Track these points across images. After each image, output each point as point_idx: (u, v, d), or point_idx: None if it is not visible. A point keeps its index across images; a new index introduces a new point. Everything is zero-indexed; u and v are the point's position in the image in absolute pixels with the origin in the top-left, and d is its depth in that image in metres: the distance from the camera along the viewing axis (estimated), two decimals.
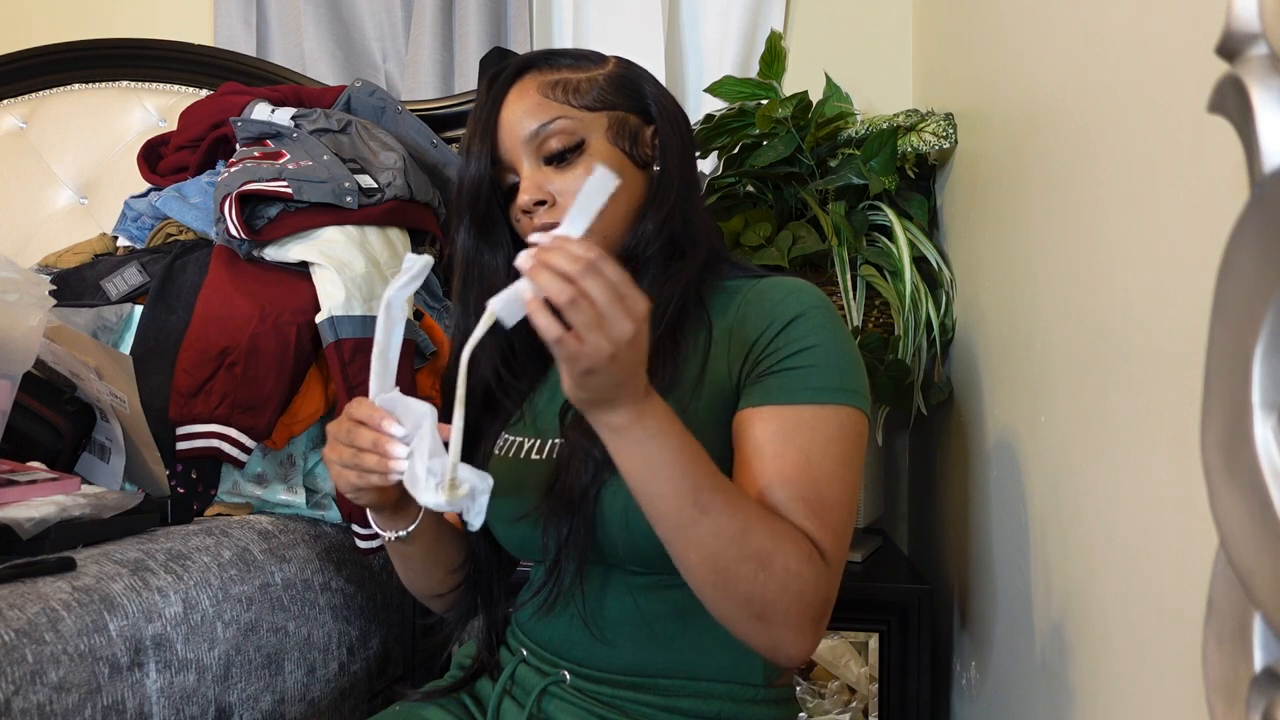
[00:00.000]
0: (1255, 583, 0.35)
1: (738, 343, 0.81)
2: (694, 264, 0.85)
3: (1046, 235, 0.93)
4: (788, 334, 0.79)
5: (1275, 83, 0.35)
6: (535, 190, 0.84)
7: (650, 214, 0.86)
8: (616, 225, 0.85)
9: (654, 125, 0.89)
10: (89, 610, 0.83)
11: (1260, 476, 0.35)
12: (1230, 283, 0.37)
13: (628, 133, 0.87)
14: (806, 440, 0.75)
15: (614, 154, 0.85)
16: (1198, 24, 0.59)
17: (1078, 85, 0.84)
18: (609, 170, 0.65)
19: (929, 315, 1.30)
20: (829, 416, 0.76)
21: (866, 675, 1.18)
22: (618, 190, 0.78)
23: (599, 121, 0.86)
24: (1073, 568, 0.83)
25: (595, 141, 0.85)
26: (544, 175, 0.85)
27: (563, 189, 0.84)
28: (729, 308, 0.84)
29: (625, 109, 0.87)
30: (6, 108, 1.95)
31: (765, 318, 0.81)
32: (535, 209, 0.84)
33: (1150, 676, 0.67)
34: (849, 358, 0.80)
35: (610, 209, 0.80)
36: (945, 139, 1.33)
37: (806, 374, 0.77)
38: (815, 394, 0.77)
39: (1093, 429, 0.79)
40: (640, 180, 0.87)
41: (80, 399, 1.14)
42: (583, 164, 0.84)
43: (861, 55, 1.71)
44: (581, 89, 0.86)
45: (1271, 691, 0.35)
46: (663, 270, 0.85)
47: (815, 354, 0.78)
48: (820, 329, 0.79)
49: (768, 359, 0.79)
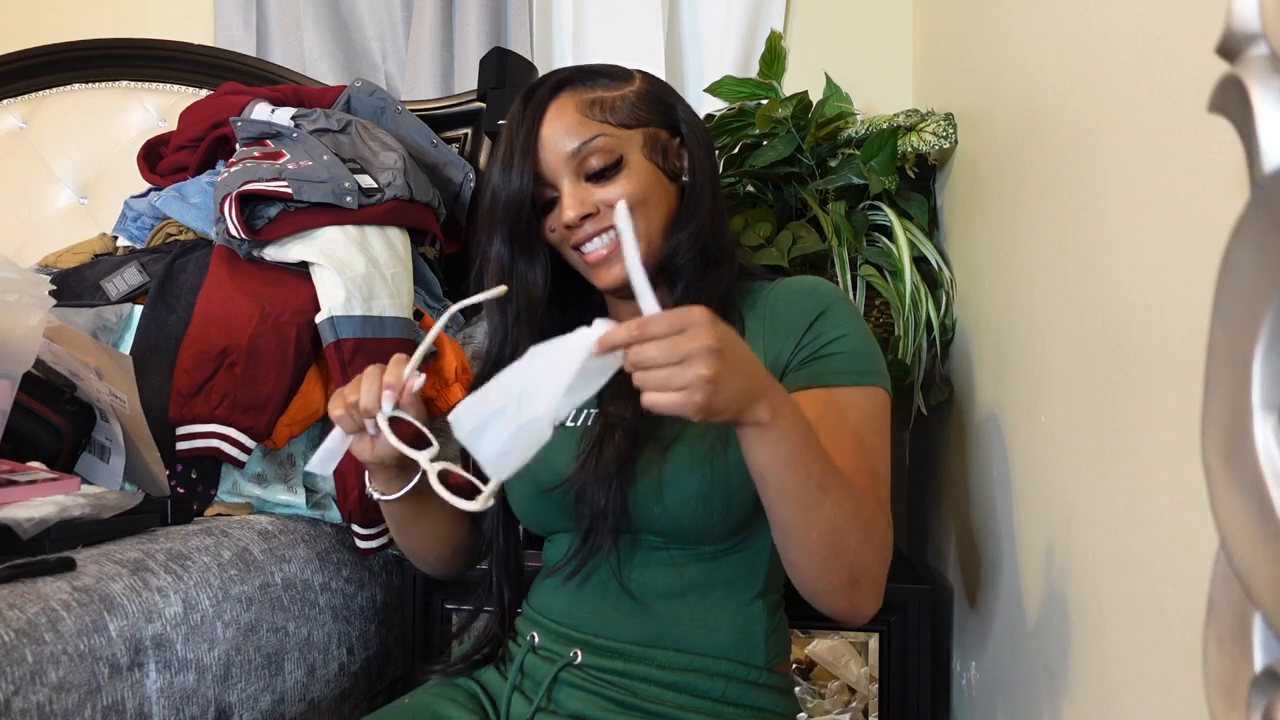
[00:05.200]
0: (1255, 582, 0.35)
1: (772, 331, 0.88)
2: (728, 273, 0.91)
3: (1046, 235, 0.93)
4: (822, 323, 0.87)
5: (1275, 83, 0.35)
6: (580, 206, 0.89)
7: (684, 225, 0.91)
8: (655, 236, 0.90)
9: (680, 137, 0.94)
10: (89, 610, 0.83)
11: (1260, 476, 0.35)
12: (1230, 282, 0.37)
13: (660, 147, 0.91)
14: (856, 418, 0.83)
15: (649, 169, 0.90)
16: (1198, 24, 0.59)
17: (1078, 85, 0.84)
18: (625, 211, 0.67)
19: (929, 315, 1.30)
20: (868, 396, 0.85)
21: (866, 675, 1.18)
22: (656, 203, 0.90)
23: (635, 138, 0.90)
24: (1073, 567, 0.83)
25: (633, 157, 0.90)
26: (585, 191, 0.89)
27: (604, 200, 0.89)
28: (757, 304, 0.91)
29: (657, 124, 0.92)
30: (6, 108, 1.95)
31: (797, 309, 0.88)
32: (581, 223, 0.89)
33: (1150, 676, 0.67)
34: (874, 345, 0.88)
35: (651, 215, 0.90)
36: (945, 139, 1.33)
37: (845, 359, 0.85)
38: (856, 376, 0.85)
39: (1093, 429, 0.79)
40: (672, 192, 0.92)
41: (80, 399, 1.14)
42: (621, 179, 0.89)
43: (861, 55, 1.71)
44: (617, 107, 0.90)
45: (1272, 692, 0.35)
46: (698, 279, 0.90)
47: (848, 341, 0.86)
48: (848, 318, 0.88)
49: (808, 346, 0.86)
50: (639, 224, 0.88)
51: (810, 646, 1.18)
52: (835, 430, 0.81)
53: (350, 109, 1.49)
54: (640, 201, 0.89)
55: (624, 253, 0.66)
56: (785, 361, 0.87)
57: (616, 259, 0.89)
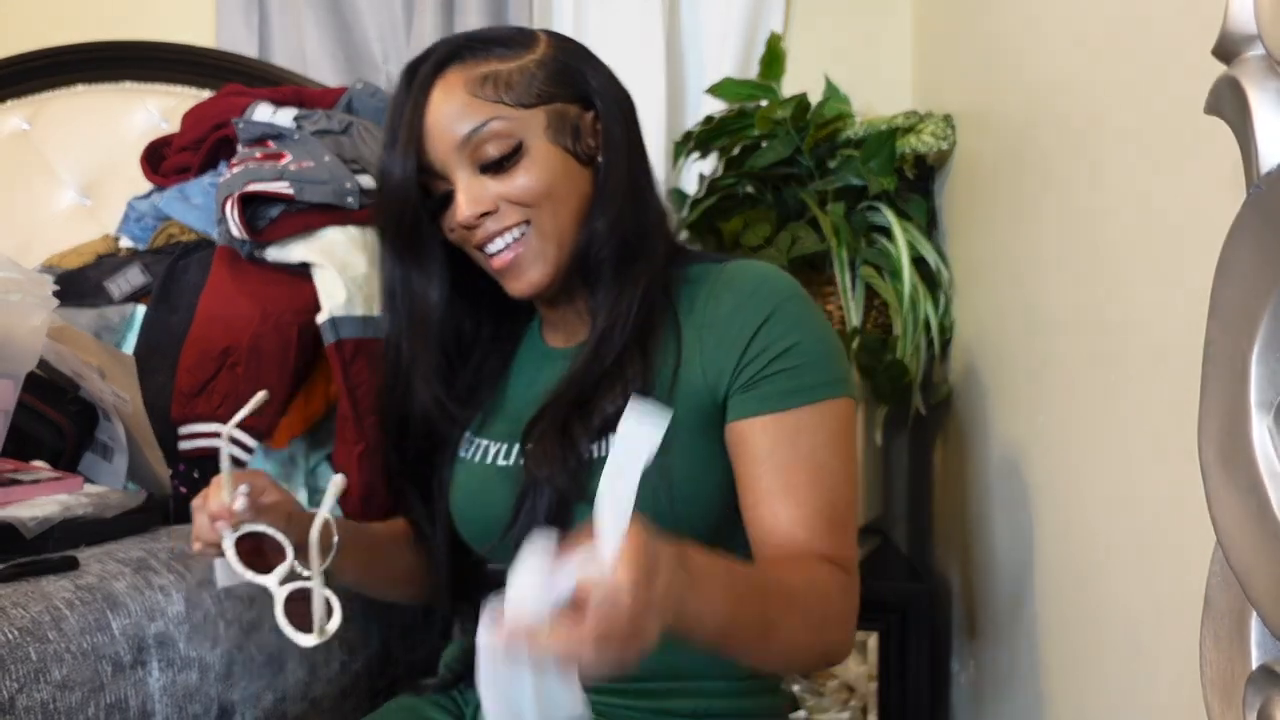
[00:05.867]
0: (1252, 581, 0.36)
1: (712, 344, 0.77)
2: (655, 264, 0.80)
3: (1045, 235, 0.93)
4: (768, 334, 0.76)
5: (1272, 84, 0.36)
6: (476, 202, 0.78)
7: (599, 213, 0.80)
8: (567, 231, 0.79)
9: (594, 111, 0.82)
10: (92, 609, 0.84)
11: (1257, 475, 0.35)
12: (1227, 282, 0.37)
13: (568, 127, 0.80)
14: (809, 444, 0.74)
15: (555, 154, 0.79)
16: (1196, 25, 0.59)
17: (1077, 85, 0.85)
18: (646, 412, 0.51)
19: (928, 315, 1.31)
20: (825, 413, 0.75)
21: (866, 674, 1.18)
22: (564, 195, 0.79)
23: (536, 119, 0.78)
24: (1071, 566, 0.83)
25: (535, 142, 0.78)
26: (482, 184, 0.78)
27: (504, 195, 0.78)
28: (695, 301, 0.80)
29: (564, 99, 0.80)
30: (10, 109, 1.95)
31: (740, 316, 0.77)
32: (480, 221, 0.78)
33: (1148, 674, 0.67)
34: (830, 345, 0.78)
35: (560, 209, 0.78)
36: (944, 140, 1.33)
37: (796, 374, 0.75)
38: (809, 394, 0.75)
39: (1091, 428, 0.79)
40: (585, 178, 0.81)
41: (83, 399, 1.14)
42: (522, 169, 0.78)
43: (861, 56, 1.71)
44: (514, 82, 0.78)
45: (1268, 689, 0.35)
46: (619, 272, 0.79)
47: (799, 351, 0.75)
48: (798, 322, 0.77)
49: (752, 365, 0.76)
50: (545, 221, 0.78)
51: None
52: (787, 464, 0.73)
53: (352, 110, 1.50)
54: (545, 194, 0.78)
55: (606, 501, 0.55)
56: (726, 383, 0.76)
57: (529, 262, 0.79)
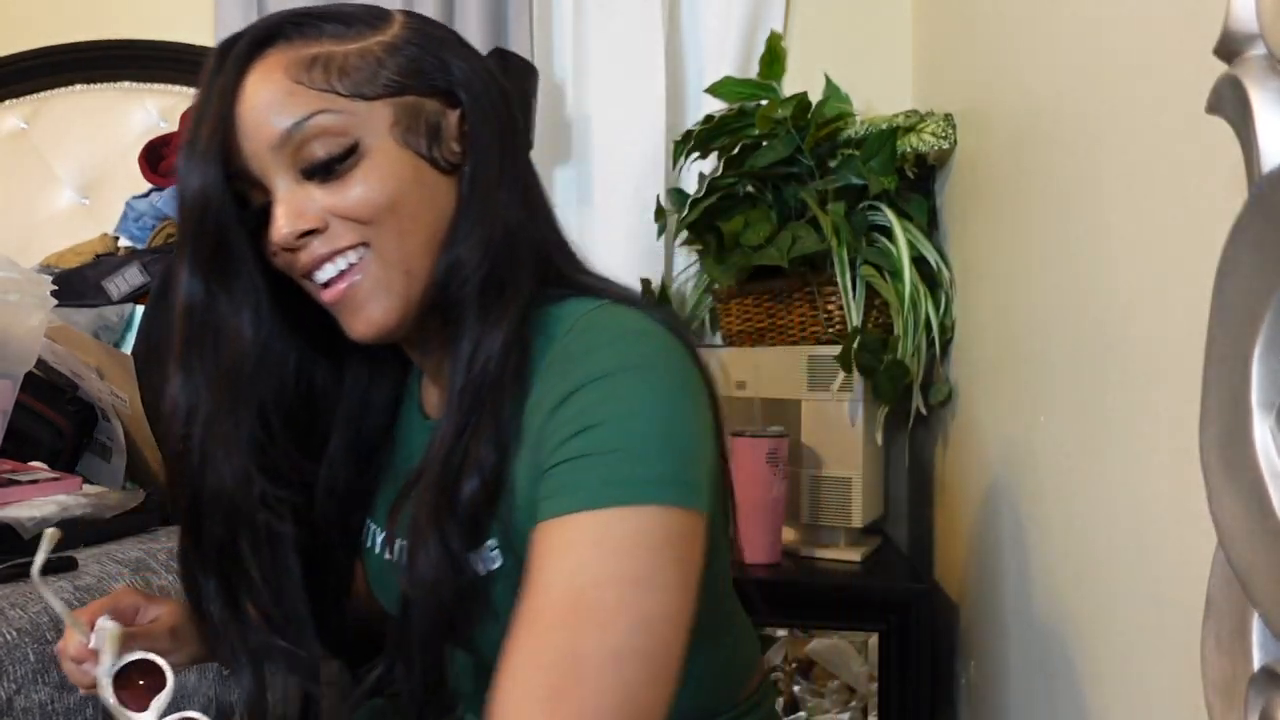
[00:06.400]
0: (1253, 582, 0.35)
1: (535, 431, 0.59)
2: (517, 304, 0.63)
3: (1046, 235, 0.93)
4: (567, 410, 0.57)
5: (1273, 83, 0.36)
6: (297, 217, 0.61)
7: (463, 238, 0.63)
8: (416, 259, 0.63)
9: (459, 109, 0.65)
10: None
11: (1259, 476, 0.35)
12: (1229, 282, 0.37)
13: (423, 126, 0.64)
14: (574, 565, 0.52)
15: (404, 158, 0.63)
16: (1197, 24, 0.59)
17: (1078, 85, 0.84)
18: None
19: (928, 315, 1.30)
20: (612, 524, 0.53)
21: (866, 674, 1.18)
22: (415, 210, 0.62)
23: (380, 114, 0.62)
24: (1072, 567, 0.83)
25: (376, 142, 0.62)
26: (305, 194, 0.62)
27: (333, 208, 0.62)
28: (544, 360, 0.61)
29: (419, 92, 0.64)
30: (8, 108, 1.95)
31: (558, 385, 0.59)
32: (304, 241, 0.62)
33: (1149, 675, 0.67)
34: (658, 432, 0.56)
35: (408, 228, 0.62)
36: (945, 139, 1.33)
37: (585, 466, 0.55)
38: (592, 495, 0.54)
39: (1092, 429, 0.79)
40: (446, 189, 0.64)
41: (82, 399, 1.14)
42: (359, 176, 0.61)
43: (861, 55, 1.70)
44: (351, 67, 0.62)
45: (1270, 691, 0.35)
46: (483, 314, 0.62)
47: (599, 435, 0.55)
48: (614, 398, 0.56)
49: (545, 449, 0.57)
50: (388, 243, 0.62)
51: (810, 646, 1.18)
52: (541, 586, 0.53)
53: None
54: (388, 208, 0.62)
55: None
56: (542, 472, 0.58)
57: (367, 294, 0.62)
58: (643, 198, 1.64)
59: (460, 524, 0.60)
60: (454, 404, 0.62)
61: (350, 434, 0.73)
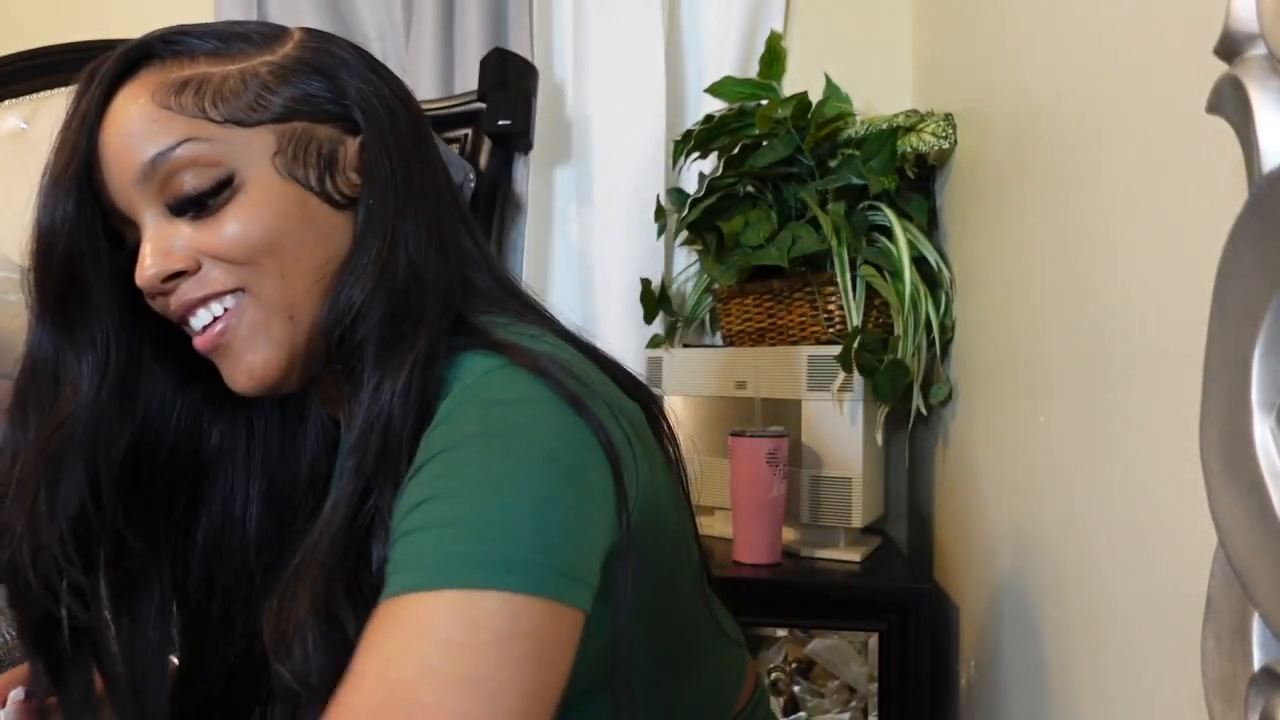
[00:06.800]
0: (1254, 582, 0.35)
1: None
2: (416, 351, 0.55)
3: (1046, 235, 0.93)
4: (419, 477, 0.50)
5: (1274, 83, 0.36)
6: (162, 258, 0.55)
7: (355, 278, 0.56)
8: (303, 294, 0.57)
9: (356, 133, 0.60)
10: None
11: (1259, 476, 0.35)
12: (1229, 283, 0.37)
13: (314, 156, 0.57)
14: (393, 654, 0.44)
15: (286, 191, 0.56)
16: (1197, 24, 0.59)
17: (1078, 85, 0.84)
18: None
19: (929, 315, 1.30)
20: (443, 609, 0.44)
21: (866, 674, 1.18)
22: (300, 251, 0.55)
23: (259, 142, 0.56)
24: (1072, 567, 0.83)
25: (254, 174, 0.56)
26: (174, 231, 0.56)
27: (204, 248, 0.56)
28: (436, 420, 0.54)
29: (309, 118, 0.58)
30: (8, 108, 1.95)
31: (421, 453, 0.52)
32: (172, 285, 0.56)
33: (1149, 676, 0.67)
34: (520, 510, 0.47)
35: (291, 270, 0.56)
36: (945, 139, 1.33)
37: (423, 541, 0.47)
38: (426, 574, 0.45)
39: (1092, 429, 0.79)
40: (341, 226, 0.58)
41: None
42: (234, 211, 0.55)
43: (861, 55, 1.71)
44: (228, 91, 0.56)
45: (1270, 691, 0.35)
46: (378, 363, 0.55)
47: (443, 506, 0.47)
48: (466, 465, 0.48)
49: (394, 519, 0.50)
50: (267, 287, 0.56)
51: (810, 646, 1.18)
52: (354, 679, 0.45)
53: None
54: (266, 248, 0.56)
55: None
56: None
57: (245, 341, 0.57)
58: (643, 198, 1.64)
59: (361, 607, 0.49)
60: (350, 465, 0.53)
61: (266, 487, 0.67)
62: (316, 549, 0.53)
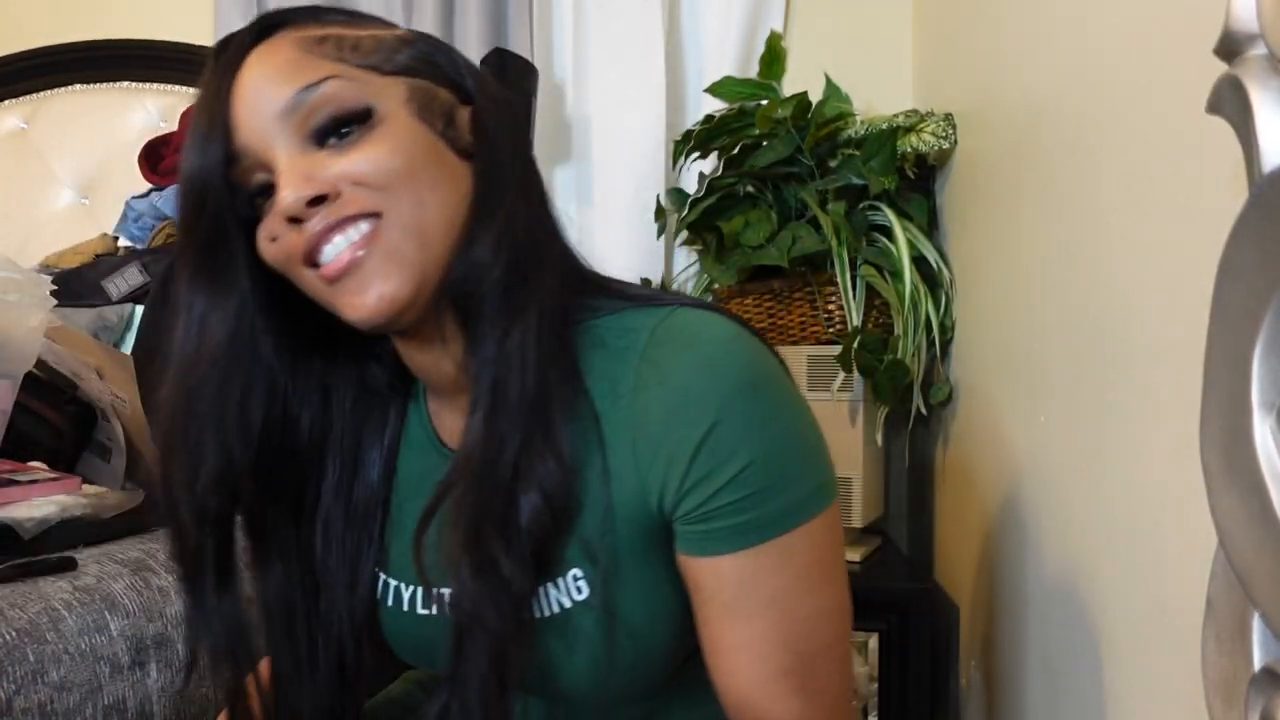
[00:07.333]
0: (1254, 582, 0.35)
1: (647, 456, 0.57)
2: (543, 307, 0.59)
3: (1046, 235, 0.93)
4: (710, 455, 0.56)
5: (1274, 83, 0.36)
6: (306, 181, 0.56)
7: (481, 230, 0.58)
8: (436, 229, 0.58)
9: (469, 105, 0.62)
10: (90, 610, 0.83)
11: (1259, 476, 0.35)
12: (1229, 282, 0.37)
13: (438, 109, 0.60)
14: (771, 590, 0.57)
15: (420, 131, 0.59)
16: (1197, 24, 0.59)
17: (1078, 85, 0.84)
18: None
19: (929, 315, 1.30)
20: (796, 542, 0.57)
21: (866, 675, 1.18)
22: (433, 180, 0.58)
23: (394, 88, 0.59)
24: (1072, 567, 0.83)
25: (392, 110, 0.58)
26: (314, 160, 0.57)
27: (346, 174, 0.56)
28: (617, 384, 0.58)
29: (432, 79, 0.61)
30: (8, 108, 1.95)
31: (674, 428, 0.56)
32: (311, 211, 0.56)
33: (1150, 675, 0.67)
34: (799, 446, 0.58)
35: (427, 198, 0.57)
36: (945, 139, 1.33)
37: (749, 505, 0.56)
38: (767, 528, 0.56)
39: (1092, 429, 0.79)
40: (461, 173, 0.60)
41: (81, 399, 1.14)
42: (374, 141, 0.57)
43: (861, 55, 1.70)
44: (365, 47, 0.60)
45: (1270, 690, 0.35)
46: (504, 308, 0.58)
47: (752, 476, 0.56)
48: (747, 432, 0.56)
49: (695, 493, 0.56)
50: (404, 212, 0.57)
51: None
52: (744, 614, 0.57)
53: None
54: (405, 174, 0.57)
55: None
56: (670, 507, 0.58)
57: (378, 265, 0.56)
58: (643, 198, 1.64)
59: (516, 548, 0.56)
60: (487, 416, 0.57)
61: (343, 476, 0.68)
62: (462, 495, 0.57)
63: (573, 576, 0.60)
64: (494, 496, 0.57)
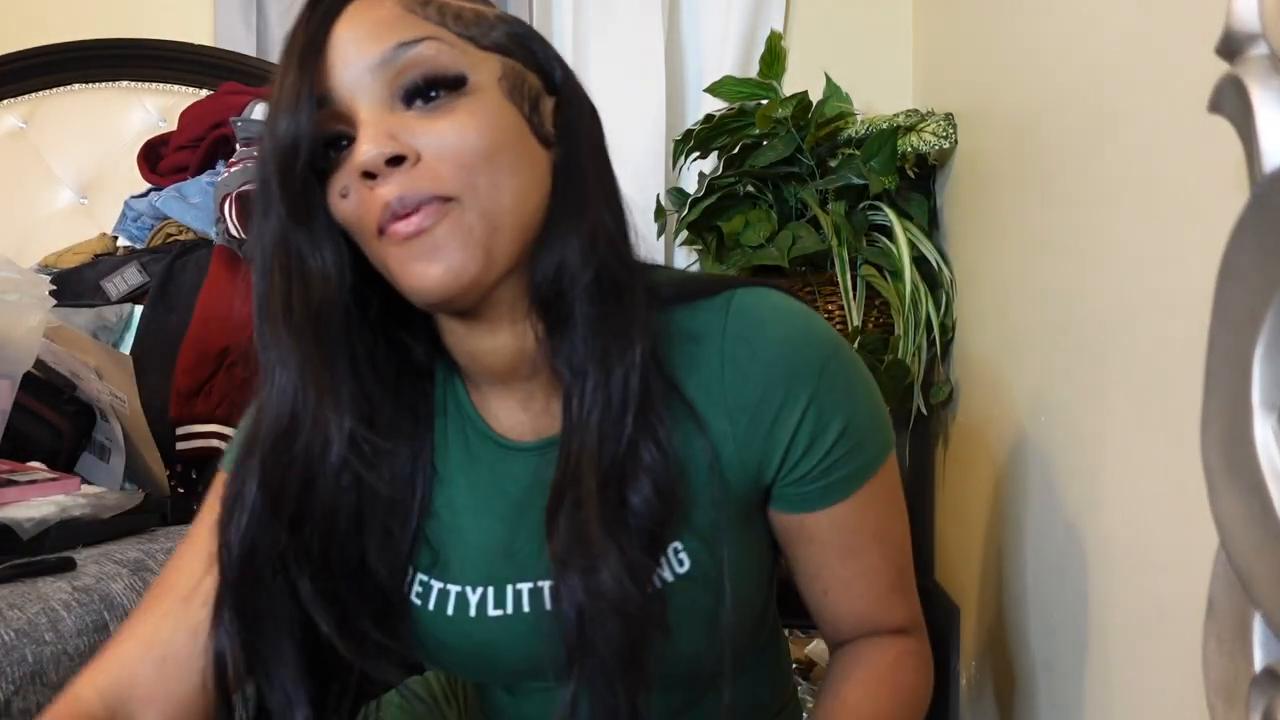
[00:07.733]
0: (1255, 582, 0.35)
1: (744, 429, 0.61)
2: (638, 310, 0.60)
3: (1046, 235, 0.93)
4: (815, 423, 0.62)
5: (1275, 82, 0.35)
6: (385, 139, 0.54)
7: (567, 229, 0.59)
8: (510, 215, 0.57)
9: (556, 97, 0.62)
10: (89, 610, 0.83)
11: (1260, 476, 0.35)
12: (1230, 283, 0.37)
13: (528, 92, 0.60)
14: (875, 519, 0.67)
15: (509, 111, 0.58)
16: (1198, 24, 0.59)
17: (1078, 85, 0.84)
18: None
19: (929, 315, 1.30)
20: (884, 477, 0.66)
21: None
22: (515, 164, 0.57)
23: (489, 63, 0.58)
24: (1073, 567, 0.83)
25: (484, 83, 0.57)
26: (399, 120, 0.55)
27: (429, 141, 0.55)
28: (702, 365, 0.62)
29: (523, 62, 0.60)
30: (6, 108, 1.95)
31: (772, 400, 0.61)
32: (388, 171, 0.54)
33: (1150, 676, 0.67)
34: (876, 401, 0.66)
35: (506, 184, 0.56)
36: (945, 139, 1.33)
37: (853, 456, 0.64)
38: (869, 469, 0.65)
39: (1092, 429, 0.79)
40: (543, 161, 0.60)
41: (80, 399, 1.14)
42: (463, 110, 0.56)
43: (861, 55, 1.70)
44: (466, 17, 0.59)
45: (1271, 691, 0.35)
46: (598, 317, 0.58)
47: (853, 431, 0.63)
48: (844, 397, 0.63)
49: (805, 460, 0.62)
50: (482, 197, 0.56)
51: (810, 646, 1.18)
52: (856, 547, 0.66)
53: None
54: (488, 155, 0.56)
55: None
56: (772, 475, 0.63)
57: (448, 238, 0.55)
58: (643, 198, 1.64)
59: (636, 535, 0.58)
60: (591, 414, 0.58)
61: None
62: (582, 496, 0.58)
63: (673, 550, 0.62)
64: (607, 490, 0.58)
